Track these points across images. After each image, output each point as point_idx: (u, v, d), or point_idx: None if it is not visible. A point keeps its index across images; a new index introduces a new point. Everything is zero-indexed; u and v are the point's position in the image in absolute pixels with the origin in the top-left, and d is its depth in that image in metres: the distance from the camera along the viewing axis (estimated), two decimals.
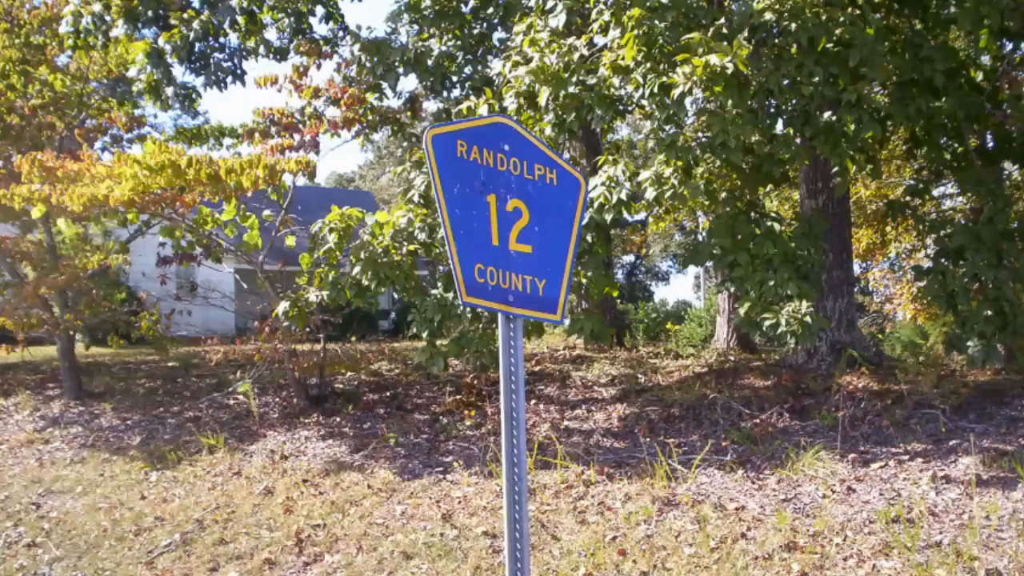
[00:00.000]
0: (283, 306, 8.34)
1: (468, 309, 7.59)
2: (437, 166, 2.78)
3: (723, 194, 7.82)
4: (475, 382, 9.23)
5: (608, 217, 6.84)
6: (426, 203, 8.37)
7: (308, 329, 9.14)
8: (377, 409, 9.13)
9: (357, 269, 7.83)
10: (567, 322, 8.11)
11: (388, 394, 9.79)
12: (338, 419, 8.83)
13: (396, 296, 19.27)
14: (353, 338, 15.01)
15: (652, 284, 39.06)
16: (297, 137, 9.26)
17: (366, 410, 9.10)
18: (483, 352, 7.64)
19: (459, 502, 6.05)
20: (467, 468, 6.82)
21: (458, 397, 9.06)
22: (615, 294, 8.65)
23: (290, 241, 9.76)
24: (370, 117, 10.09)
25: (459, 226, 2.81)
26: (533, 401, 8.79)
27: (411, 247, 7.99)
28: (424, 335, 7.88)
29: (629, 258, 35.23)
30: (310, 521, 5.90)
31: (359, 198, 28.68)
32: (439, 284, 8.33)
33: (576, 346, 12.63)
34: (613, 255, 23.61)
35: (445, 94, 11.20)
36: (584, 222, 5.10)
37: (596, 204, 6.87)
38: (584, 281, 7.61)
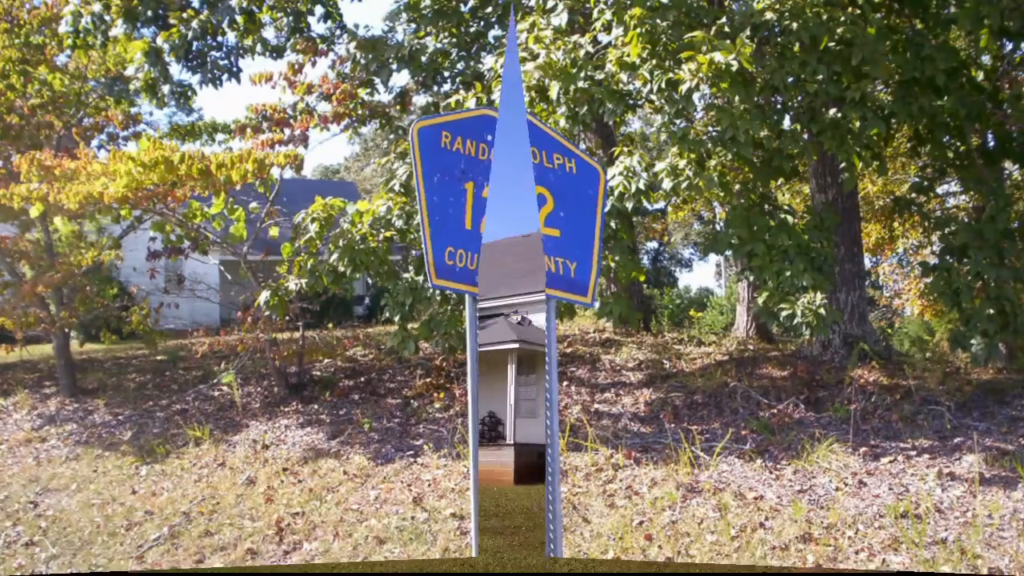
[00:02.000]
0: (264, 295, 8.30)
1: (438, 292, 7.52)
2: (420, 156, 2.86)
3: (736, 186, 7.80)
4: (444, 364, 9.26)
5: (629, 205, 6.79)
6: (406, 192, 8.29)
7: (288, 317, 9.16)
8: (352, 395, 9.18)
9: (335, 256, 7.80)
10: (597, 305, 8.07)
11: (362, 379, 9.82)
12: (316, 406, 8.88)
13: (370, 282, 19.25)
14: (330, 324, 15.01)
15: (676, 270, 39.18)
16: (287, 132, 9.26)
17: (342, 396, 9.14)
18: (451, 334, 7.63)
19: (429, 485, 6.18)
20: (436, 451, 6.94)
21: (428, 380, 9.12)
22: (642, 279, 8.65)
23: (274, 232, 9.73)
24: (359, 112, 10.08)
25: (435, 212, 2.88)
26: (565, 383, 8.80)
27: (387, 234, 7.95)
28: (396, 319, 7.86)
29: (653, 245, 35.43)
30: (290, 509, 5.97)
31: (342, 189, 28.90)
32: (411, 268, 8.30)
33: (605, 328, 12.50)
34: (637, 242, 23.53)
35: (435, 88, 11.17)
36: (607, 209, 5.12)
37: (616, 193, 6.84)
38: (612, 265, 7.56)
